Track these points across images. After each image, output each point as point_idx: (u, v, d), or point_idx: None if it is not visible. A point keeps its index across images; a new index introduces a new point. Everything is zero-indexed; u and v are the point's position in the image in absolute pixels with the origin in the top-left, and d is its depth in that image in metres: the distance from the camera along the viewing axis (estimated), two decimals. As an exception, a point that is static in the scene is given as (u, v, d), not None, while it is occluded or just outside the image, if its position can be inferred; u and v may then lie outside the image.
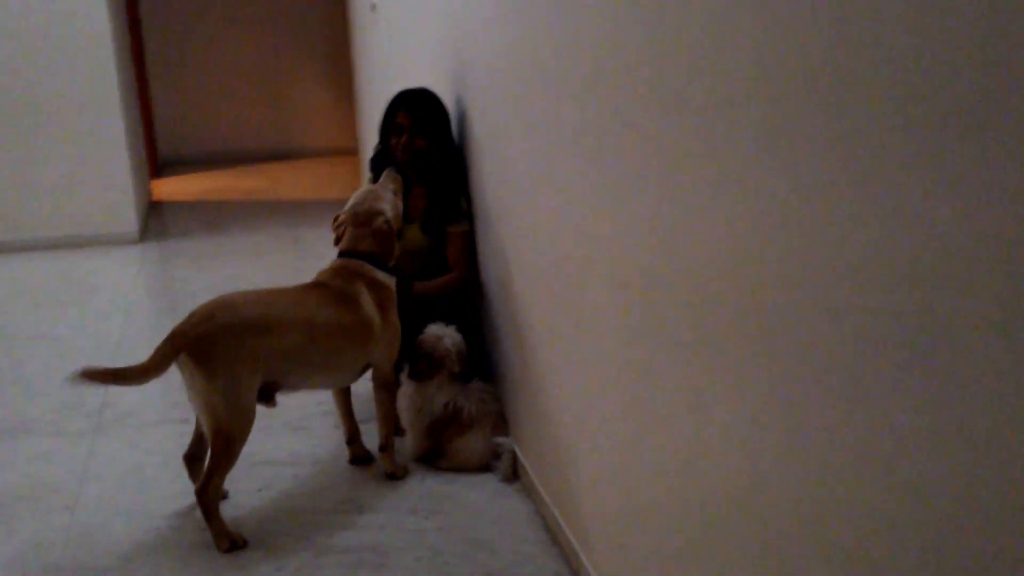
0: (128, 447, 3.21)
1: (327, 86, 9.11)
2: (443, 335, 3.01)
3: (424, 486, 2.90)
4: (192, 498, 2.82)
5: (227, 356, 2.52)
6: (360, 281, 2.85)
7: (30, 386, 3.75)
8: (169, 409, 3.50)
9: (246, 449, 2.63)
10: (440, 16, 3.66)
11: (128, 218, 5.95)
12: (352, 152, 8.42)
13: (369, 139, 6.74)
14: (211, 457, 2.57)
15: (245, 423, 2.57)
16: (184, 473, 2.98)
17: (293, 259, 5.62)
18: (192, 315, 2.61)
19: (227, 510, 2.76)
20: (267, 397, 2.69)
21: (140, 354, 4.03)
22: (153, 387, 3.65)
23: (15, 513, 2.79)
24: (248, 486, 2.92)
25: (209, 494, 2.55)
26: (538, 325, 2.61)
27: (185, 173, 8.52)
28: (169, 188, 7.83)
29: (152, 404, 3.54)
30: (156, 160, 8.32)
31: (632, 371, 1.90)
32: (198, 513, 2.68)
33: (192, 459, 2.76)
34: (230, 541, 2.56)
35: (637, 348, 1.85)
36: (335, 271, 2.88)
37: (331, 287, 2.82)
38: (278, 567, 2.50)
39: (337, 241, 3.00)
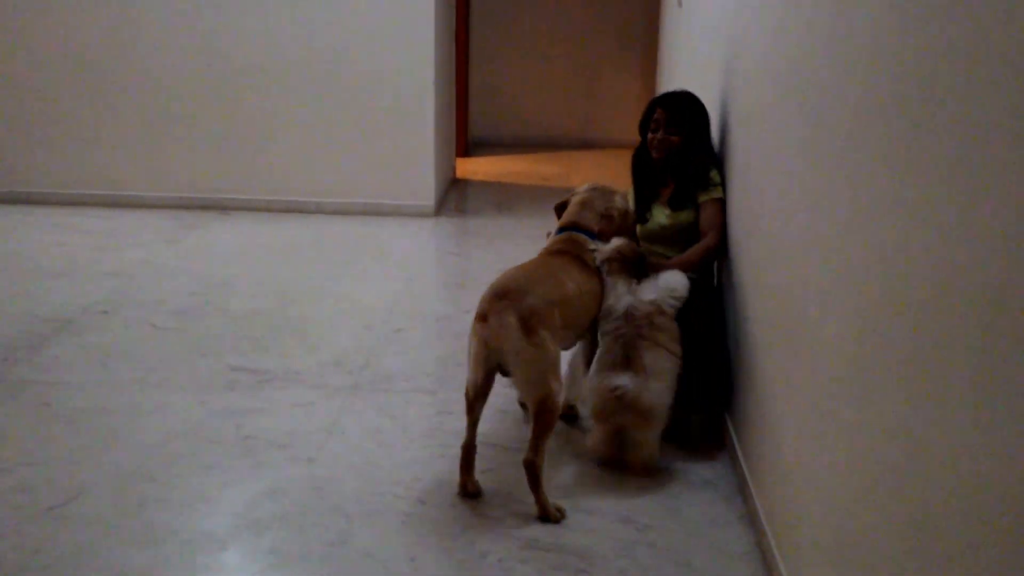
0: (376, 409, 3.30)
1: (634, 79, 9.04)
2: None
3: (645, 495, 2.75)
4: (416, 471, 2.85)
5: (547, 325, 2.61)
6: (587, 252, 2.97)
7: (307, 338, 3.96)
8: (422, 378, 3.56)
9: (479, 432, 2.68)
10: (719, 12, 3.45)
11: (427, 193, 6.19)
12: (652, 147, 8.27)
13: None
14: (537, 425, 2.58)
15: (560, 387, 2.65)
16: (417, 443, 3.02)
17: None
18: (501, 290, 2.66)
19: (449, 487, 2.76)
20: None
21: (411, 319, 4.24)
22: (415, 354, 3.77)
23: (265, 459, 2.94)
24: (474, 466, 2.89)
25: (539, 462, 2.58)
26: (773, 356, 2.36)
27: (490, 154, 8.77)
28: (473, 167, 8.09)
29: (409, 371, 3.62)
30: (466, 140, 8.62)
31: (882, 416, 1.65)
32: (420, 485, 2.71)
33: (470, 449, 2.76)
34: (556, 509, 2.60)
35: (891, 393, 1.60)
36: (566, 240, 3.01)
37: (573, 255, 2.94)
38: (482, 553, 2.45)
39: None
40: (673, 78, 5.91)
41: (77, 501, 2.66)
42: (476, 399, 2.70)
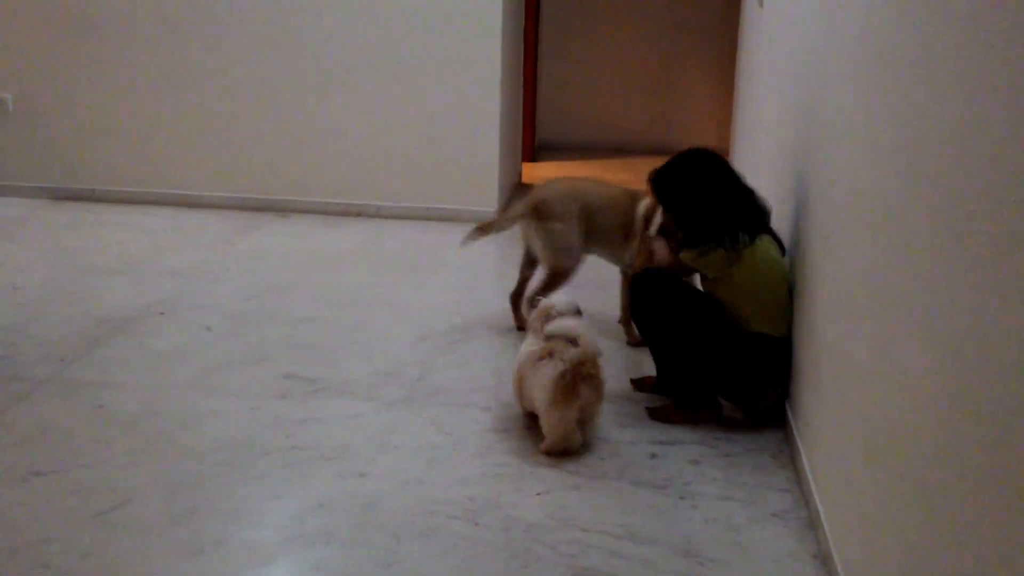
0: (429, 423, 3.35)
1: (710, 85, 8.98)
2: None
3: (709, 527, 2.74)
4: (469, 490, 2.89)
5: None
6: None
7: (361, 347, 4.03)
8: (478, 393, 3.60)
9: (536, 451, 2.64)
10: (799, 11, 3.43)
11: (490, 199, 6.24)
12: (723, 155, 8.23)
13: (739, 142, 6.54)
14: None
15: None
16: (470, 462, 3.06)
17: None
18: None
19: (502, 508, 2.79)
20: None
21: (469, 330, 4.29)
22: (472, 368, 3.81)
23: (315, 471, 3.00)
24: (529, 487, 2.92)
25: None
26: (845, 367, 2.35)
27: (558, 159, 8.80)
28: (539, 172, 8.12)
29: (465, 385, 3.66)
30: (533, 143, 8.66)
31: (969, 468, 1.64)
32: (472, 505, 2.75)
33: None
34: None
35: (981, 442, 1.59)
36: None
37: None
38: (532, 579, 2.47)
39: None
40: (752, 81, 5.87)
41: (127, 506, 2.75)
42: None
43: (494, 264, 5.60)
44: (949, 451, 1.62)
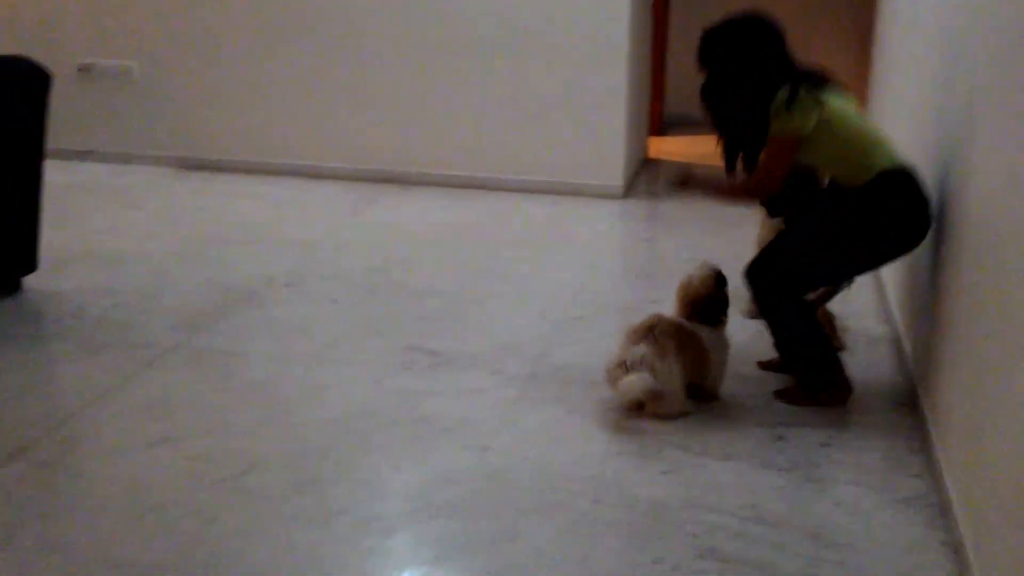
0: (552, 399, 3.34)
1: (847, 54, 8.69)
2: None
3: (838, 511, 2.67)
4: (591, 468, 2.87)
5: None
6: None
7: (483, 322, 4.05)
8: (599, 371, 3.55)
9: (661, 431, 2.64)
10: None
11: (615, 173, 6.18)
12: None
13: (877, 118, 6.31)
14: None
15: None
16: (594, 440, 3.06)
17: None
18: None
19: (625, 487, 2.76)
20: None
21: (593, 308, 4.26)
22: (596, 345, 3.78)
23: (438, 444, 3.03)
24: (653, 467, 2.89)
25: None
26: (991, 357, 2.23)
27: (686, 134, 8.66)
28: (666, 147, 8.02)
29: (588, 363, 3.63)
30: (661, 117, 8.54)
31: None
32: (595, 483, 2.74)
33: None
34: None
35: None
36: None
37: None
38: (655, 559, 2.45)
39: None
40: (889, 54, 5.65)
41: (252, 473, 2.83)
42: None
43: (619, 240, 5.56)
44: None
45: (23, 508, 2.63)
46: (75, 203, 5.63)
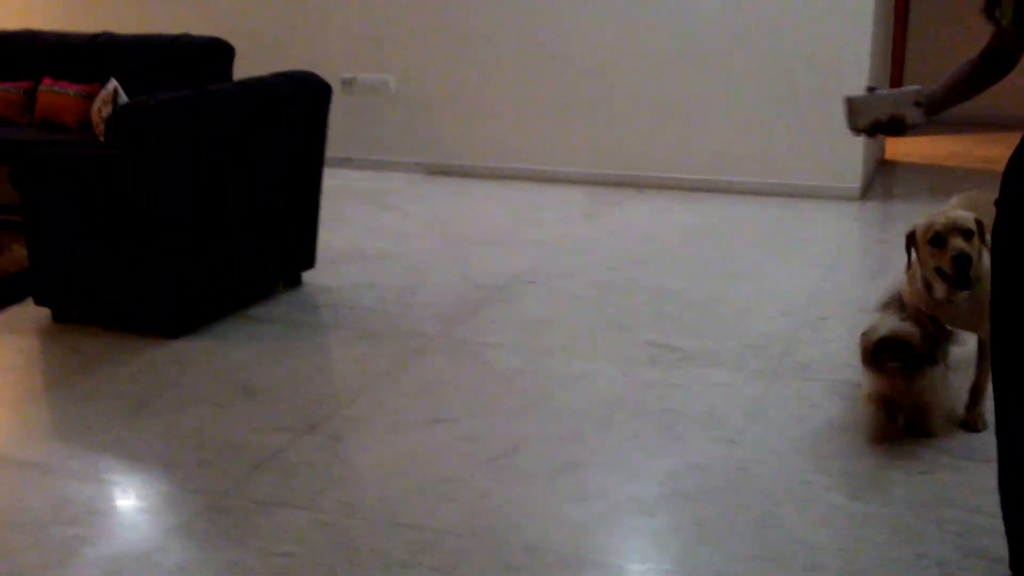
0: (796, 396, 3.37)
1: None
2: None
3: None
4: (843, 464, 2.89)
5: None
6: None
7: (723, 320, 4.11)
8: (845, 369, 3.54)
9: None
10: None
11: (853, 175, 6.06)
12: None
13: None
14: None
15: None
16: (842, 436, 3.07)
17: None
18: None
19: (882, 484, 2.77)
20: None
21: (832, 307, 4.24)
22: (837, 344, 3.77)
23: (686, 434, 3.13)
24: (910, 465, 2.88)
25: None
26: None
27: (925, 134, 8.36)
28: (904, 148, 7.76)
29: (831, 361, 3.63)
30: (896, 117, 8.28)
31: None
32: (849, 479, 2.77)
33: None
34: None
35: None
36: None
37: None
38: (919, 555, 2.46)
39: None
40: None
41: (515, 454, 3.02)
42: None
43: (857, 241, 5.47)
44: None
45: (322, 475, 2.92)
46: (340, 206, 6.06)
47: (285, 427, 3.20)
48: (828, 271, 4.75)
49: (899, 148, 7.69)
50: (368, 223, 5.71)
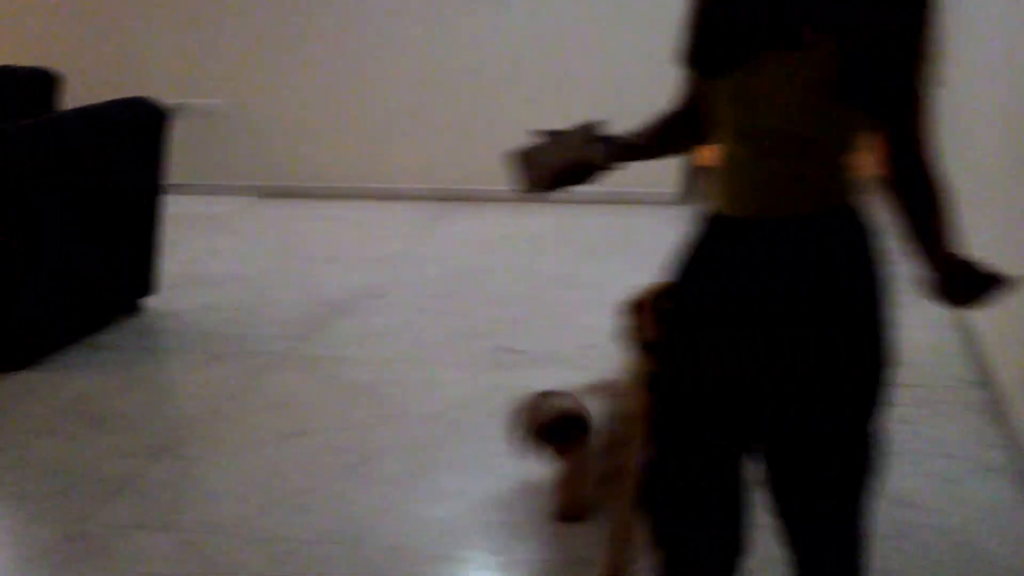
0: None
1: None
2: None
3: (922, 478, 2.85)
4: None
5: None
6: None
7: (564, 324, 4.28)
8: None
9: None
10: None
11: (672, 181, 6.37)
12: None
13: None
14: None
15: None
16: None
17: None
18: None
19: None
20: None
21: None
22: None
23: (535, 429, 3.25)
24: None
25: None
26: None
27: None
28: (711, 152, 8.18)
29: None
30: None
31: None
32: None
33: None
34: None
35: None
36: None
37: None
38: None
39: None
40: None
41: (373, 462, 3.08)
42: None
43: (677, 243, 5.74)
44: None
45: (179, 496, 2.91)
46: (177, 232, 5.93)
47: (137, 452, 3.16)
48: (653, 273, 4.97)
49: (708, 154, 8.09)
50: (207, 247, 5.63)
